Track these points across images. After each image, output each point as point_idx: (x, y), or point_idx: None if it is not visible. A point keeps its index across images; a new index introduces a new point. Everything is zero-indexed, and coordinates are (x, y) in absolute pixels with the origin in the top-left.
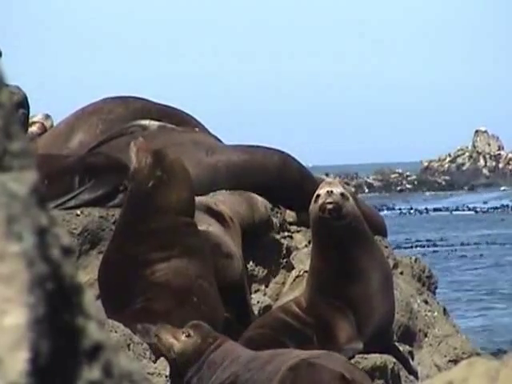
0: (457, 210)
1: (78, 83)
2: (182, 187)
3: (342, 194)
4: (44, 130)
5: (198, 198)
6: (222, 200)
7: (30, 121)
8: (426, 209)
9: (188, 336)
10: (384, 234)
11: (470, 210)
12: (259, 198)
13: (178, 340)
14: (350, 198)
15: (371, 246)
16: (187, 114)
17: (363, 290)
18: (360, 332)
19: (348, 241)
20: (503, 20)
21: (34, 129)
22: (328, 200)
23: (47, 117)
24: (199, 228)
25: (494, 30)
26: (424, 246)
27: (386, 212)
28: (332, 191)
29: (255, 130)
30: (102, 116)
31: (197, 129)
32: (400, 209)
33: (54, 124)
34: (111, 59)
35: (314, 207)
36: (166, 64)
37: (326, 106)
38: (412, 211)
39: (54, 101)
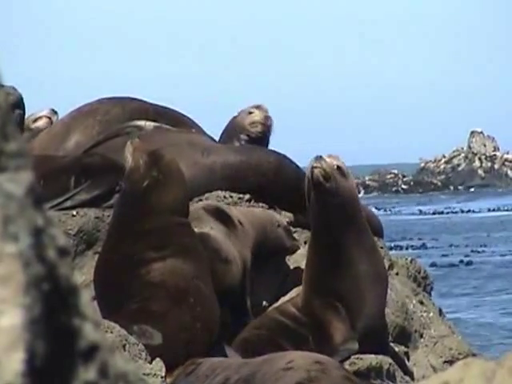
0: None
1: (78, 83)
2: (177, 188)
3: (339, 168)
4: (50, 124)
5: (208, 203)
6: (239, 209)
7: (36, 116)
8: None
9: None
10: (380, 235)
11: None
12: (278, 219)
13: (170, 375)
14: (350, 178)
15: (364, 237)
16: (183, 115)
17: (351, 282)
18: (353, 327)
19: (341, 226)
20: (500, 21)
21: (40, 123)
22: (315, 164)
23: (54, 112)
24: (202, 230)
25: (490, 31)
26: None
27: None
28: (321, 156)
29: None
30: (98, 117)
31: (193, 129)
32: (392, 211)
33: None
34: (111, 59)
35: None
36: (166, 64)
37: (323, 107)
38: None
39: (54, 101)
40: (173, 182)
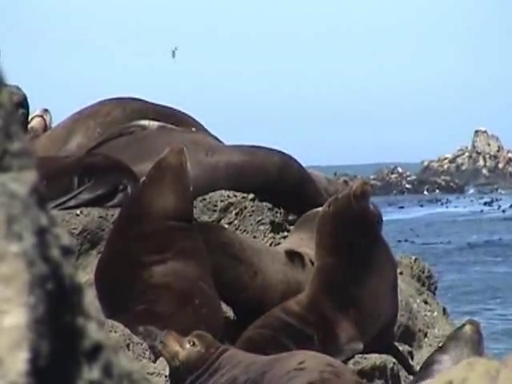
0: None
1: (77, 83)
2: (169, 191)
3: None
4: (44, 124)
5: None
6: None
7: (29, 117)
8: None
9: (193, 345)
10: None
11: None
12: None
13: (183, 348)
14: None
15: (386, 248)
16: (185, 114)
17: (374, 292)
18: (364, 332)
19: (367, 238)
20: (503, 20)
21: (33, 123)
22: (364, 187)
23: (46, 111)
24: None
25: (493, 30)
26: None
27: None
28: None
29: (255, 130)
30: (100, 119)
31: (193, 129)
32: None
33: (53, 120)
34: (112, 59)
35: (343, 195)
36: (166, 64)
37: (325, 106)
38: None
39: (54, 101)
40: (166, 184)
